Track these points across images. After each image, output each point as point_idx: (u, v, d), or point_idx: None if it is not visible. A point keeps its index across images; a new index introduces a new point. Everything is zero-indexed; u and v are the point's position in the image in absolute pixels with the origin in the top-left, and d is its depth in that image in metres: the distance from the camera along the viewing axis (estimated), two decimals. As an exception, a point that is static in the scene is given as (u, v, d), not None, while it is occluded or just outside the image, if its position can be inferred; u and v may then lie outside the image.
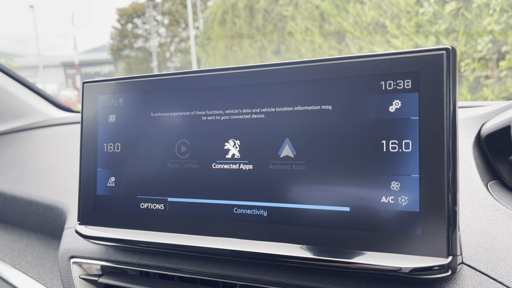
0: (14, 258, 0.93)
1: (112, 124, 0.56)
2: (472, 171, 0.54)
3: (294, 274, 0.47)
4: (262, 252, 0.45)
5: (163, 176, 0.53)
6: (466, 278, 0.41)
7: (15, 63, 26.39)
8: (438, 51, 0.39)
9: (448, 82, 0.39)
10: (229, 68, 0.50)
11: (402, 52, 0.41)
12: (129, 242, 0.53)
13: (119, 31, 25.15)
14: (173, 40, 25.59)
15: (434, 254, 0.38)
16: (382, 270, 0.40)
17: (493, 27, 2.87)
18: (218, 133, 0.50)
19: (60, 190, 0.84)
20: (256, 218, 0.47)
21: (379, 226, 0.41)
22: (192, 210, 0.51)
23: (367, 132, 0.43)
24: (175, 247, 0.50)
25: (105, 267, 0.59)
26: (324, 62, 0.45)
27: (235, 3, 6.85)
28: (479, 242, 0.44)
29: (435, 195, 0.39)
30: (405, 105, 0.41)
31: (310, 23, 4.93)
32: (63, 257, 0.63)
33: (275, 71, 0.47)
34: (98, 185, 0.56)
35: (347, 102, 0.44)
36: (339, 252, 0.42)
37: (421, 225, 0.39)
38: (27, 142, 1.16)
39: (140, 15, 24.86)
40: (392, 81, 0.42)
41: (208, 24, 8.28)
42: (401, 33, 3.62)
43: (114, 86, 0.56)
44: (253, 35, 6.38)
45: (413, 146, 0.40)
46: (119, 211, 0.55)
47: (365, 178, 0.42)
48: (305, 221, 0.45)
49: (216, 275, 0.51)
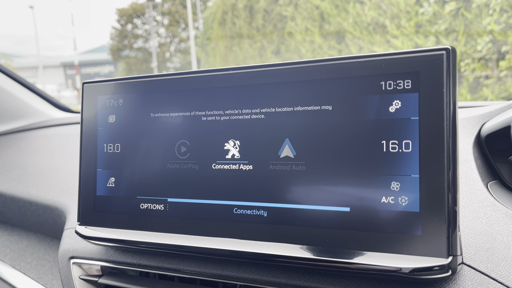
0: (14, 258, 0.93)
1: (112, 124, 0.56)
2: (472, 171, 0.54)
3: (294, 275, 0.47)
4: (262, 252, 0.45)
5: (163, 177, 0.53)
6: (466, 278, 0.41)
7: (14, 64, 26.39)
8: (438, 51, 0.39)
9: (448, 82, 0.39)
10: (229, 68, 0.50)
11: (402, 52, 0.41)
12: (129, 242, 0.53)
13: (119, 31, 25.15)
14: (173, 41, 25.59)
15: (434, 254, 0.38)
16: (382, 271, 0.40)
17: (493, 27, 2.87)
18: (218, 134, 0.50)
19: (60, 191, 0.84)
20: (256, 218, 0.47)
21: (379, 227, 0.41)
22: (192, 210, 0.50)
23: (367, 133, 0.43)
24: (175, 247, 0.50)
25: (105, 268, 0.59)
26: (324, 62, 0.45)
27: (234, 4, 6.85)
28: (479, 242, 0.44)
29: (435, 195, 0.39)
30: (405, 105, 0.41)
31: (310, 23, 4.93)
32: (63, 257, 0.63)
33: (275, 72, 0.47)
34: (98, 185, 0.56)
35: (347, 102, 0.44)
36: (339, 253, 0.42)
37: (421, 225, 0.39)
38: (27, 142, 1.15)
39: (140, 16, 24.86)
40: (392, 81, 0.42)
41: (208, 25, 8.29)
42: (401, 33, 3.62)
43: (114, 87, 0.56)
44: (253, 35, 6.38)
45: (413, 146, 0.40)
46: (119, 212, 0.55)
47: (365, 178, 0.42)
48: (305, 221, 0.45)
49: (216, 276, 0.51)
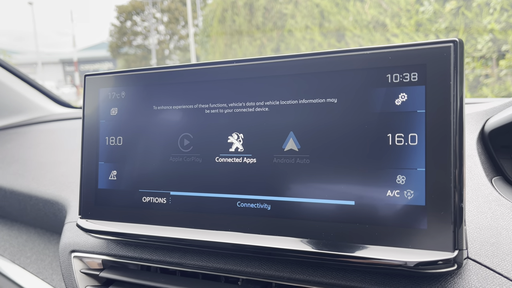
0: (14, 253, 0.93)
1: (114, 117, 0.56)
2: (476, 167, 0.54)
3: (297, 269, 0.46)
4: (265, 246, 0.45)
5: (165, 170, 0.52)
6: (472, 273, 0.41)
7: (13, 60, 26.26)
8: (445, 44, 0.39)
9: (455, 75, 0.38)
10: (232, 60, 0.49)
11: (409, 44, 0.41)
12: (130, 236, 0.52)
13: (118, 28, 25.06)
14: (172, 38, 25.53)
15: (439, 248, 0.38)
16: (387, 264, 0.40)
17: (493, 26, 2.86)
18: (222, 127, 0.50)
19: (60, 185, 0.83)
20: (260, 212, 0.47)
21: (384, 220, 0.41)
22: (194, 204, 0.50)
23: (373, 126, 0.42)
24: (177, 241, 0.50)
25: (106, 261, 0.58)
26: (329, 54, 0.45)
27: (234, 1, 6.83)
28: (485, 237, 0.44)
29: (441, 189, 0.39)
30: (411, 98, 0.41)
31: (310, 21, 4.91)
32: (64, 251, 0.63)
33: (280, 64, 0.47)
34: (100, 179, 0.56)
35: (353, 95, 0.43)
36: (343, 246, 0.42)
37: (427, 219, 0.39)
38: (27, 137, 1.15)
39: (139, 13, 24.78)
40: (399, 73, 0.41)
41: (208, 22, 8.26)
42: (401, 31, 3.62)
43: (116, 79, 0.56)
44: (252, 33, 6.36)
45: (419, 140, 0.40)
46: (120, 205, 0.54)
47: (370, 172, 0.42)
48: (309, 215, 0.44)
49: (219, 270, 0.50)
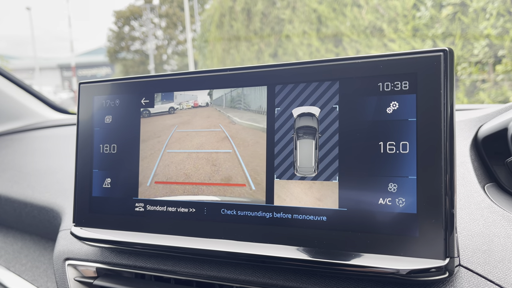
0: (9, 260, 0.92)
1: (108, 125, 0.56)
2: (469, 173, 0.54)
3: (291, 276, 0.46)
4: (258, 254, 0.45)
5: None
6: (463, 281, 0.41)
7: (11, 65, 26.24)
8: (436, 53, 0.39)
9: (445, 83, 0.39)
10: (226, 69, 0.50)
11: (400, 53, 0.41)
12: (124, 244, 0.52)
13: (116, 33, 25.10)
14: (170, 43, 25.57)
15: (431, 256, 0.38)
16: (379, 272, 0.40)
17: (489, 31, 2.88)
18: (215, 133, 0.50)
19: (55, 192, 0.83)
20: (253, 219, 0.47)
21: (377, 228, 0.41)
22: (188, 211, 0.50)
23: (364, 134, 0.42)
24: (171, 249, 0.50)
25: (100, 269, 0.58)
26: (321, 63, 0.45)
27: (232, 6, 6.85)
28: (477, 244, 0.44)
29: (432, 196, 0.39)
30: (403, 106, 0.41)
31: (307, 27, 4.94)
32: (58, 259, 0.62)
33: (272, 73, 0.47)
34: (94, 186, 0.56)
35: (344, 103, 0.44)
36: (336, 254, 0.42)
37: (419, 227, 0.39)
38: (23, 143, 1.15)
39: (137, 18, 24.83)
40: (390, 82, 0.42)
41: (206, 27, 8.29)
42: (398, 36, 3.64)
43: (111, 87, 0.56)
44: (250, 38, 6.39)
45: (411, 148, 0.40)
46: (115, 213, 0.54)
47: (362, 180, 0.42)
48: (302, 222, 0.44)
49: (212, 277, 0.50)
